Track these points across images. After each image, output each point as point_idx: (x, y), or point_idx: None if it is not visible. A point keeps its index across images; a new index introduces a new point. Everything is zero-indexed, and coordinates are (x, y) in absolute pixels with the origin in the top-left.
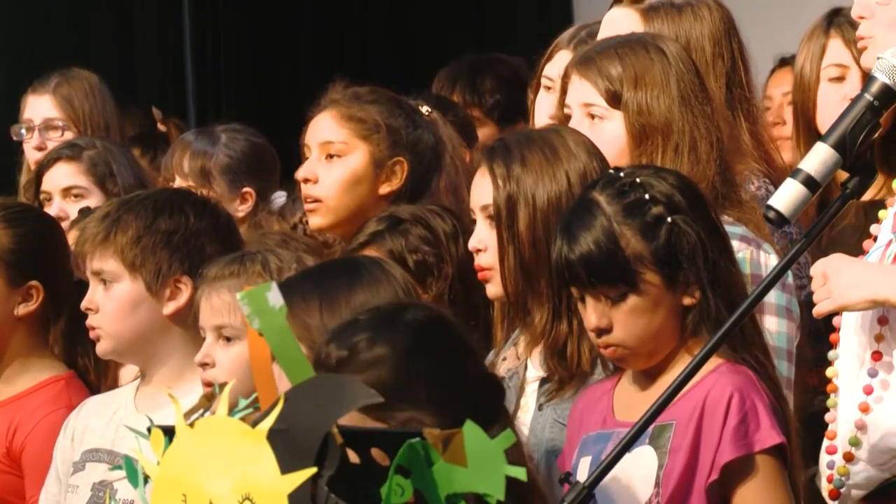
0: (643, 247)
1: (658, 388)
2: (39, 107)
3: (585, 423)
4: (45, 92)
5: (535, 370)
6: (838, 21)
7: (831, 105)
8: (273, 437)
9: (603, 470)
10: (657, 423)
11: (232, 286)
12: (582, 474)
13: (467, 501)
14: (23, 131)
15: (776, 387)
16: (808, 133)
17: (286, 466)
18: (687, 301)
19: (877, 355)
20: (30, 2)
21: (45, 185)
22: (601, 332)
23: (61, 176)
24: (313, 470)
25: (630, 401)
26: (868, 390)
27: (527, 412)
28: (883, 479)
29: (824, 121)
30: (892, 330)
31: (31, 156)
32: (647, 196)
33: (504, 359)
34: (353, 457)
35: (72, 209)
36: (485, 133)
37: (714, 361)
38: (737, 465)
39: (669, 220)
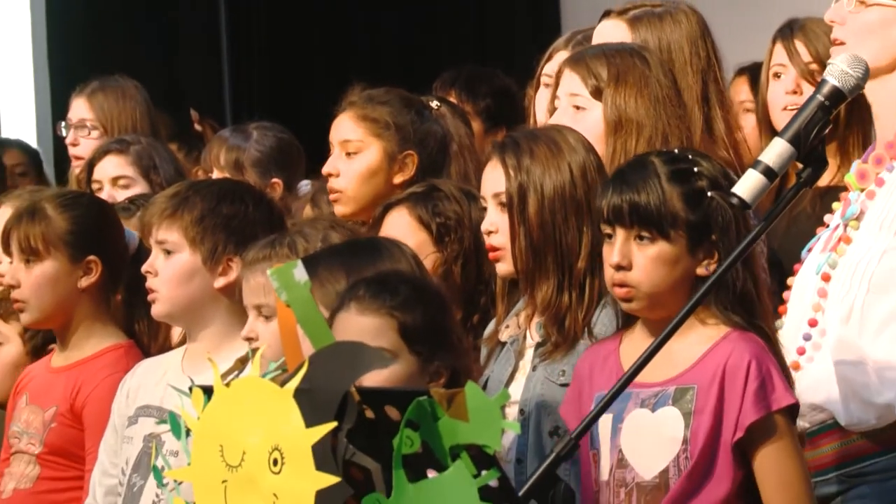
0: (682, 208)
1: (667, 351)
2: (77, 107)
3: (596, 380)
4: (82, 95)
5: (531, 339)
6: (784, 31)
7: (775, 98)
8: (298, 395)
9: (588, 423)
10: (679, 385)
11: (265, 269)
12: (603, 430)
13: (469, 452)
14: (63, 128)
15: (781, 353)
16: (768, 129)
17: (310, 421)
18: (700, 271)
19: (813, 322)
20: (88, 13)
21: (95, 175)
22: (619, 268)
23: (111, 167)
24: (334, 424)
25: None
26: (801, 351)
27: (524, 373)
28: (804, 428)
29: (773, 113)
30: (828, 303)
31: (70, 151)
32: (695, 169)
33: (507, 326)
34: (368, 413)
35: (119, 196)
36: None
37: (723, 329)
38: (759, 424)
39: (710, 194)
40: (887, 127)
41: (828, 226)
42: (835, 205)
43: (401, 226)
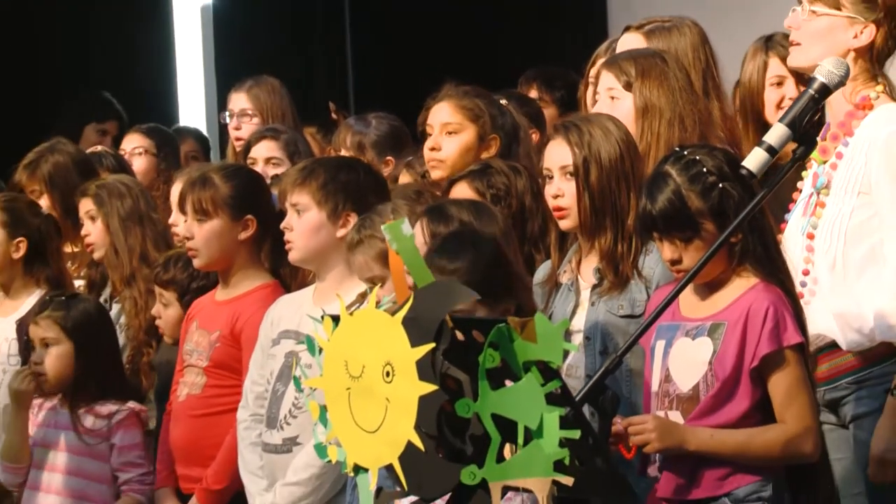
0: (702, 204)
1: (714, 297)
2: (237, 100)
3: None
4: (241, 90)
5: (583, 281)
6: (772, 44)
7: (772, 102)
8: (406, 322)
9: (628, 346)
10: (714, 321)
11: (361, 251)
12: (658, 352)
13: (537, 366)
14: (226, 117)
15: (797, 302)
16: (755, 123)
17: (414, 342)
18: (732, 240)
19: (806, 272)
20: (243, 29)
21: (252, 154)
22: (674, 262)
23: (264, 149)
24: (433, 345)
25: (693, 303)
26: (800, 296)
27: (583, 308)
28: (815, 348)
29: (770, 113)
30: (816, 256)
31: (232, 134)
32: (704, 169)
33: (564, 272)
34: (459, 336)
35: (270, 172)
36: (549, 113)
37: (752, 280)
38: (772, 357)
39: (720, 185)
40: (836, 110)
41: (801, 191)
42: (803, 173)
43: (463, 196)
